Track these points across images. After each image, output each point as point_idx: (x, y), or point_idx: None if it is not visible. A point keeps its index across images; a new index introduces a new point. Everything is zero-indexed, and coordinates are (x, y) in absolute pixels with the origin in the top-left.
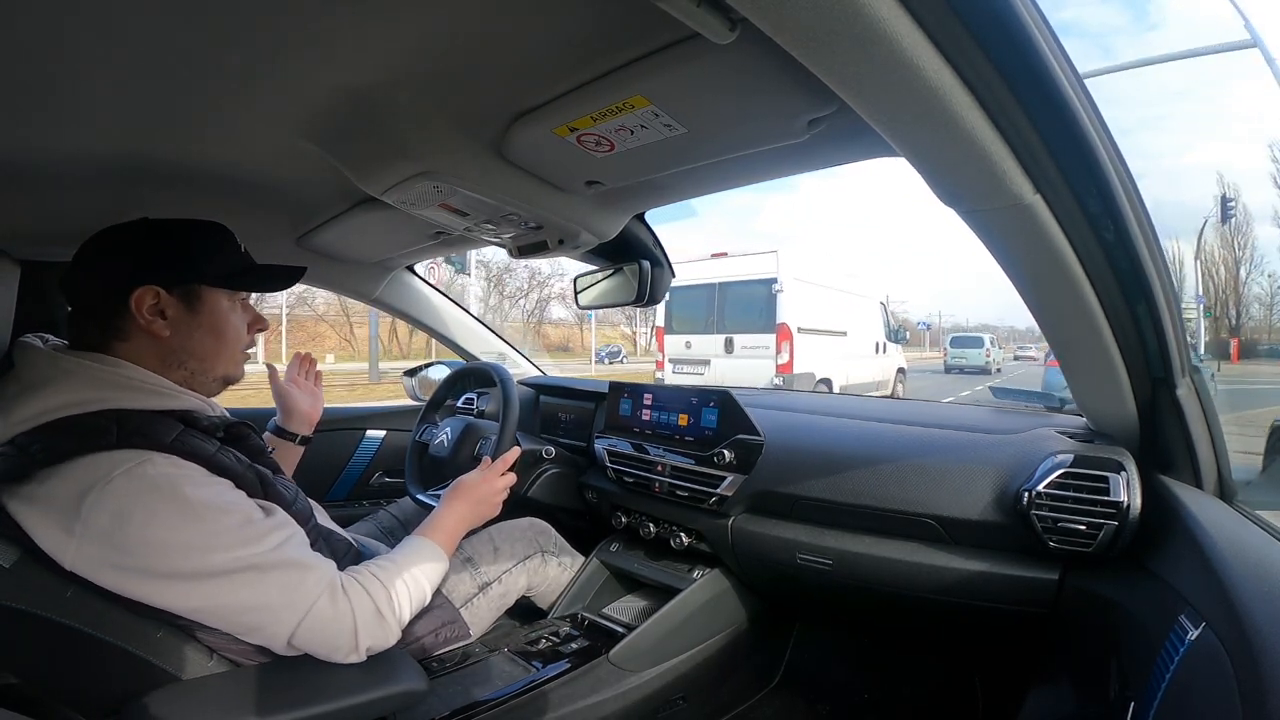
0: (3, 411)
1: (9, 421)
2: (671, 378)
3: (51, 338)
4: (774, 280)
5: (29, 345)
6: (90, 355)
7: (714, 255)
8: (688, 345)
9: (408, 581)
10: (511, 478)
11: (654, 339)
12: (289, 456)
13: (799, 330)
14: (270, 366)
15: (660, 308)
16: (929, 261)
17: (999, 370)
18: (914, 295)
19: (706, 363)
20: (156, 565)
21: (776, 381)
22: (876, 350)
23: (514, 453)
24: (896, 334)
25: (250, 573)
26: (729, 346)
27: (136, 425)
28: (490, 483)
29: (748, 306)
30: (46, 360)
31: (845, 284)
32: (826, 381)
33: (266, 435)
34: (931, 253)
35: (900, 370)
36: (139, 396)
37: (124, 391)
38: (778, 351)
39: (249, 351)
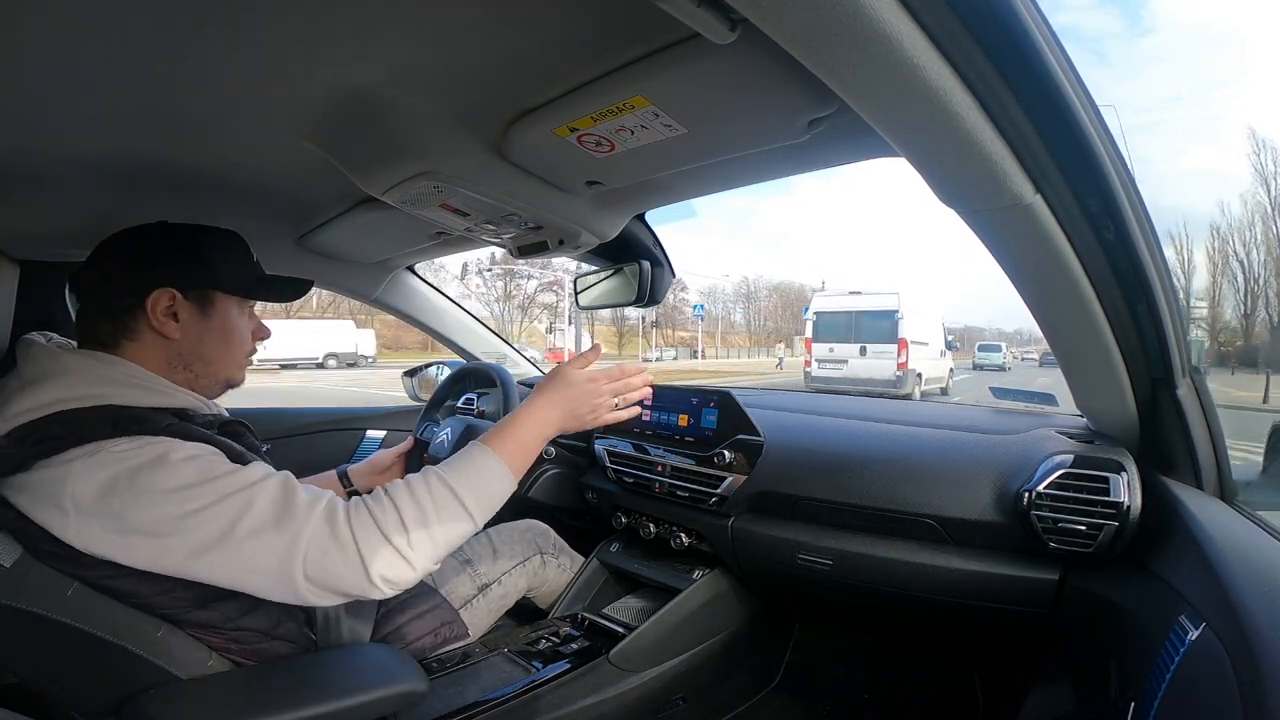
0: (2, 405)
1: (6, 415)
2: (817, 370)
3: (55, 336)
4: (896, 310)
5: (32, 342)
6: (93, 353)
7: (851, 293)
8: (830, 350)
9: (431, 505)
10: (628, 385)
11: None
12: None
13: (910, 342)
14: (416, 439)
15: (808, 325)
16: (914, 264)
17: (1010, 368)
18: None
19: (845, 362)
20: (153, 524)
21: (898, 374)
22: (940, 355)
23: (596, 351)
24: (950, 344)
25: (236, 504)
26: (863, 352)
27: (131, 418)
28: (597, 383)
29: (877, 326)
30: (48, 356)
31: (926, 310)
32: (919, 375)
33: (333, 472)
34: (916, 256)
35: (950, 369)
36: (136, 394)
37: (122, 388)
38: (898, 355)
39: (251, 358)
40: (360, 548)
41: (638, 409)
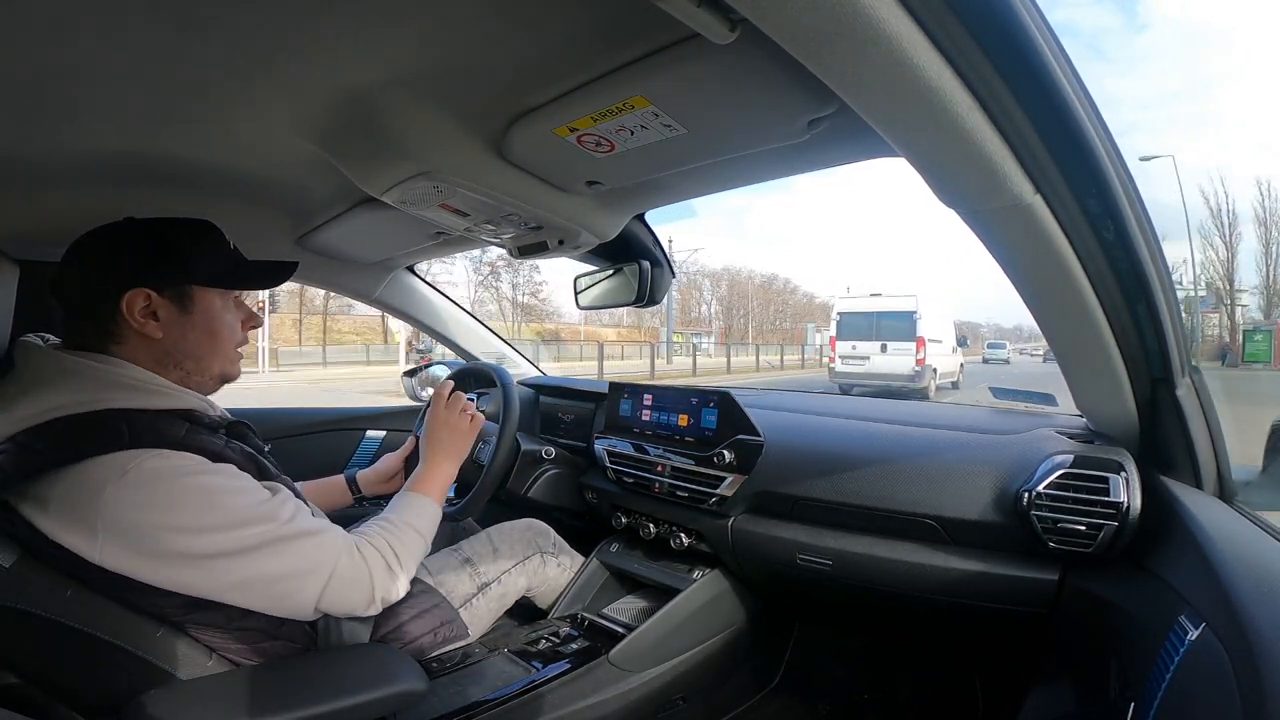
0: (3, 409)
1: (10, 419)
2: (840, 366)
3: (51, 337)
4: (914, 311)
5: (30, 345)
6: (91, 355)
7: (872, 295)
8: (853, 348)
9: (407, 539)
10: (461, 399)
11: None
12: (334, 500)
13: (927, 340)
14: (416, 437)
15: (833, 324)
16: (909, 261)
17: (1012, 361)
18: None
19: (866, 358)
20: (187, 549)
21: (916, 369)
22: (952, 351)
23: (446, 386)
24: (961, 341)
25: (276, 544)
26: (884, 349)
27: (145, 425)
28: (446, 422)
29: (897, 326)
30: (48, 360)
31: (939, 310)
32: (933, 369)
33: (340, 477)
34: (911, 254)
35: (961, 364)
36: (141, 396)
37: (127, 392)
38: (917, 352)
39: (242, 349)
40: (374, 579)
41: (479, 414)
